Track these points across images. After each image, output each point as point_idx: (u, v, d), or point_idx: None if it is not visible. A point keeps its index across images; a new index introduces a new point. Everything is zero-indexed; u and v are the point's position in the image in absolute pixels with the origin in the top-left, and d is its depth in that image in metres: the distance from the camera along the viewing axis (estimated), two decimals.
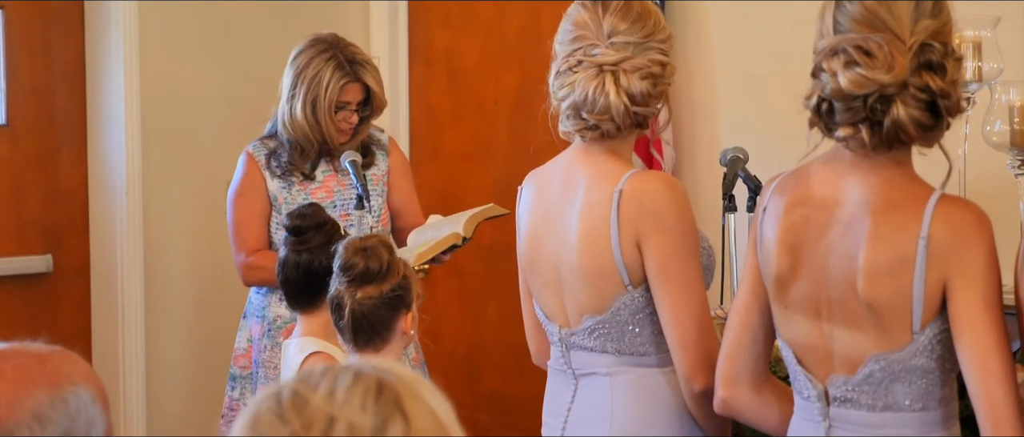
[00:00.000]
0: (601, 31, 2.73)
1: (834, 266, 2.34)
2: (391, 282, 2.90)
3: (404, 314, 2.93)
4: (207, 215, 4.84)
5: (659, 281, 2.68)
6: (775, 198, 2.45)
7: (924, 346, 2.30)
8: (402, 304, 2.92)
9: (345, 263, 2.89)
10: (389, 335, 2.92)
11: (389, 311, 2.90)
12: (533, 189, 2.87)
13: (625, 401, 2.76)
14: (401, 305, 2.92)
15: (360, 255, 2.89)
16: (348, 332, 2.92)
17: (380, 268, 2.89)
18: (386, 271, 2.90)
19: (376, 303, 2.89)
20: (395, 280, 2.90)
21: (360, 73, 4.00)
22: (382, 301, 2.89)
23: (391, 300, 2.90)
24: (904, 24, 2.27)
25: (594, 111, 2.71)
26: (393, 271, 2.91)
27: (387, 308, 2.90)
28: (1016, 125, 3.23)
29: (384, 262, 2.90)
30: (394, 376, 1.45)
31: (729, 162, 3.63)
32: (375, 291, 2.89)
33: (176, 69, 4.94)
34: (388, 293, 2.89)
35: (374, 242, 2.93)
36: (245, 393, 4.04)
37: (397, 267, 2.92)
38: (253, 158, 4.07)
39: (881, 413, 2.36)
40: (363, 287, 2.88)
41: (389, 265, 2.90)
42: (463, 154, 5.34)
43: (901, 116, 2.26)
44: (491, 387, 5.22)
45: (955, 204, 2.30)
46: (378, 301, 2.89)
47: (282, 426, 1.41)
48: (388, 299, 2.89)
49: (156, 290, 4.90)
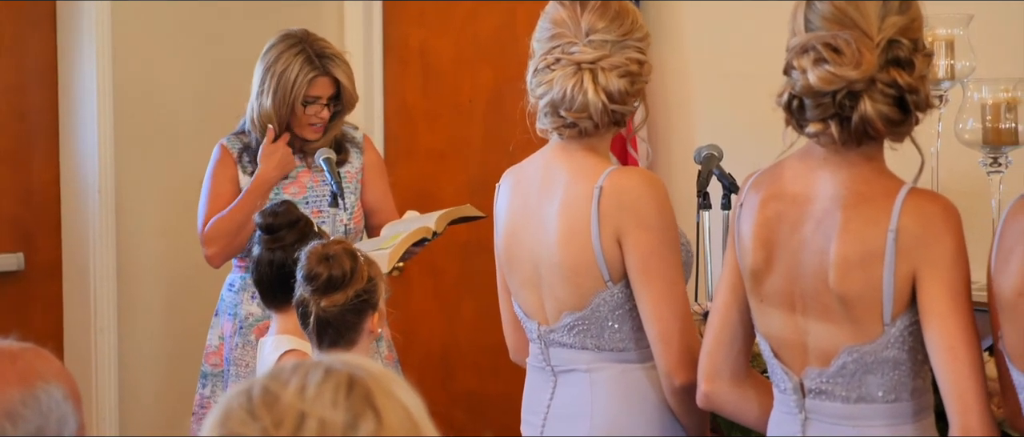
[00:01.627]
0: (579, 29, 2.73)
1: (807, 260, 2.37)
2: (355, 287, 2.89)
3: (371, 315, 2.92)
4: (180, 214, 4.82)
5: (640, 277, 2.68)
6: (751, 194, 2.47)
7: (895, 338, 2.33)
8: (368, 306, 2.91)
9: (309, 272, 2.89)
10: (356, 337, 2.92)
11: (355, 316, 2.90)
12: (511, 186, 2.87)
13: (605, 397, 2.76)
14: (367, 307, 2.91)
15: (323, 264, 2.88)
16: (313, 337, 2.92)
17: (343, 276, 2.88)
18: (350, 278, 2.89)
19: (341, 310, 2.88)
20: (359, 285, 2.89)
21: (329, 67, 3.99)
22: (347, 307, 2.88)
23: (357, 305, 2.89)
24: (872, 21, 2.30)
25: (572, 109, 2.71)
26: (357, 277, 2.89)
27: (353, 314, 2.90)
28: (988, 123, 3.24)
29: (347, 270, 2.88)
30: (366, 372, 1.45)
31: (703, 160, 3.64)
32: (340, 298, 2.88)
33: (149, 68, 4.92)
34: (353, 298, 2.89)
35: (337, 249, 2.91)
36: (216, 391, 4.03)
37: (361, 272, 2.90)
38: (227, 150, 4.07)
39: (855, 404, 2.38)
40: (327, 295, 2.88)
41: (352, 272, 2.89)
42: (438, 153, 5.33)
43: (869, 111, 2.28)
44: (466, 386, 5.22)
45: (924, 197, 2.32)
46: (343, 307, 2.88)
47: (253, 423, 1.40)
48: (353, 305, 2.89)
49: (128, 288, 4.89)
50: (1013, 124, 3.23)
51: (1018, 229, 2.19)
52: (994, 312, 2.27)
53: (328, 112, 4.02)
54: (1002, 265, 2.20)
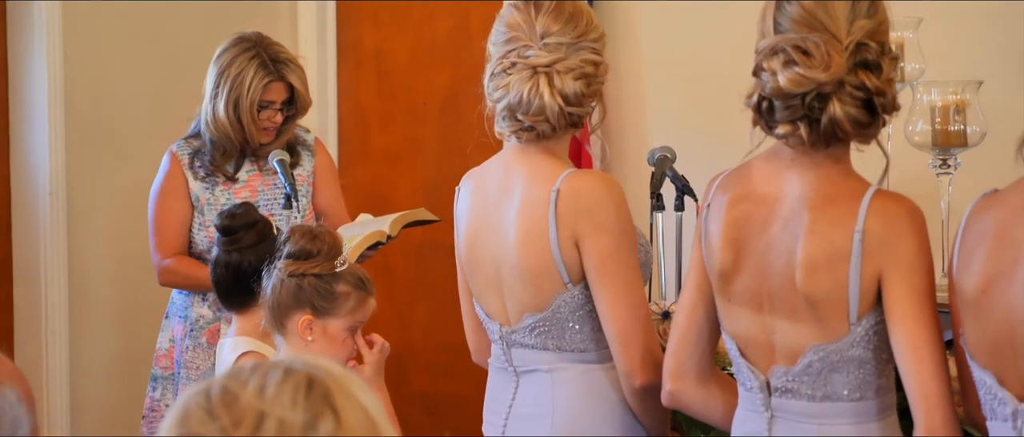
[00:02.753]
0: (534, 32, 2.74)
1: (774, 260, 2.39)
2: (316, 268, 2.88)
3: (303, 312, 2.89)
4: (132, 216, 4.79)
5: (598, 279, 2.70)
6: (718, 194, 2.49)
7: (861, 337, 2.36)
8: (305, 300, 2.88)
9: (292, 244, 2.89)
10: (286, 320, 2.89)
11: (290, 299, 2.88)
12: (471, 189, 2.88)
13: (566, 398, 2.77)
14: (304, 300, 2.88)
15: (308, 238, 2.88)
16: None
17: (310, 251, 2.88)
18: (316, 255, 2.89)
19: (288, 282, 2.86)
20: (315, 269, 2.88)
21: (284, 72, 3.98)
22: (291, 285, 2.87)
23: (296, 289, 2.87)
24: (841, 24, 2.32)
25: (529, 113, 2.72)
26: (322, 259, 2.89)
27: (289, 296, 2.88)
28: (937, 125, 3.27)
29: (315, 250, 2.89)
30: (325, 373, 1.45)
31: (657, 161, 3.65)
32: (298, 268, 2.87)
33: (101, 69, 4.89)
34: (298, 276, 2.87)
35: (322, 230, 2.92)
36: (167, 394, 4.01)
37: (330, 261, 2.90)
38: (177, 158, 4.04)
39: (820, 403, 2.41)
40: (295, 261, 2.87)
41: (320, 253, 2.89)
42: (392, 154, 5.33)
43: (838, 113, 2.31)
44: (421, 387, 5.22)
45: (890, 199, 2.35)
46: (290, 280, 2.86)
47: (211, 423, 1.40)
48: (295, 285, 2.87)
49: (80, 291, 4.85)
50: (962, 126, 3.26)
51: (980, 228, 2.22)
52: (955, 309, 2.30)
53: (281, 116, 4.00)
54: (965, 264, 2.23)
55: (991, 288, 2.18)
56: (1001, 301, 2.16)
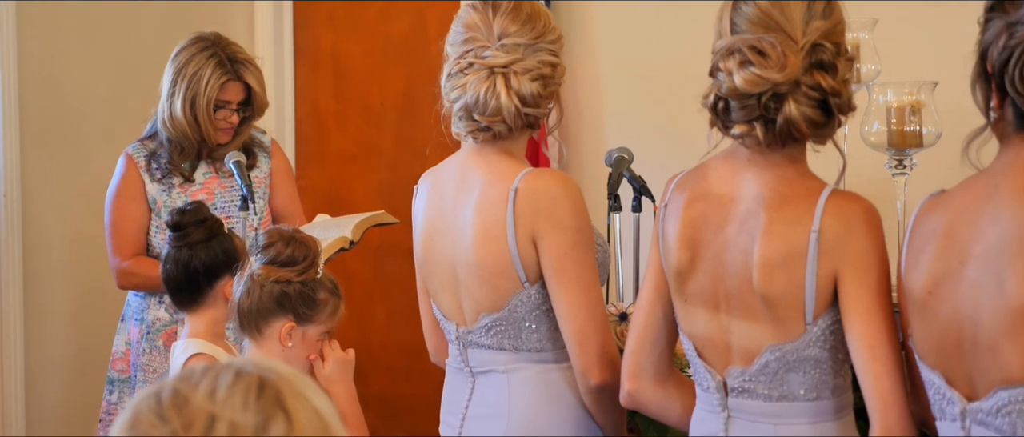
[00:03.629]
0: (491, 33, 2.74)
1: (731, 260, 2.40)
2: (298, 275, 2.86)
3: (286, 319, 2.88)
4: (88, 217, 4.77)
5: (555, 278, 2.70)
6: (676, 194, 2.50)
7: (817, 336, 2.37)
8: (289, 306, 2.87)
9: (266, 243, 2.87)
10: (264, 327, 2.86)
11: (274, 305, 2.86)
12: (428, 189, 2.88)
13: (523, 397, 2.77)
14: (288, 306, 2.87)
15: (285, 241, 2.87)
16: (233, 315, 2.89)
17: (293, 259, 2.87)
18: (299, 264, 2.87)
19: (268, 290, 2.85)
20: (296, 277, 2.87)
21: (241, 72, 3.97)
22: (273, 292, 2.85)
23: (280, 297, 2.86)
24: (796, 25, 2.34)
25: (486, 113, 2.72)
26: (303, 267, 2.87)
27: (272, 302, 2.86)
28: (893, 126, 3.29)
29: (299, 256, 2.87)
30: (276, 374, 1.44)
31: (614, 162, 3.66)
32: (275, 275, 2.85)
33: (57, 70, 4.86)
34: (281, 285, 2.86)
35: (305, 237, 2.90)
36: (123, 397, 3.99)
37: (311, 270, 2.88)
38: (132, 160, 4.01)
39: (777, 403, 2.42)
40: (271, 266, 2.85)
41: (303, 260, 2.87)
42: (349, 156, 5.32)
43: (793, 114, 2.32)
44: (379, 388, 5.21)
45: (846, 198, 2.37)
46: (271, 287, 2.85)
47: (162, 425, 1.39)
48: (279, 294, 2.86)
49: (35, 292, 4.82)
50: (917, 127, 3.27)
51: (928, 229, 2.23)
52: (904, 310, 2.31)
53: (238, 117, 3.99)
54: (913, 264, 2.24)
55: (938, 288, 2.19)
56: (948, 301, 2.17)
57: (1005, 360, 2.09)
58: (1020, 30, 2.10)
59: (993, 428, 2.14)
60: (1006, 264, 2.08)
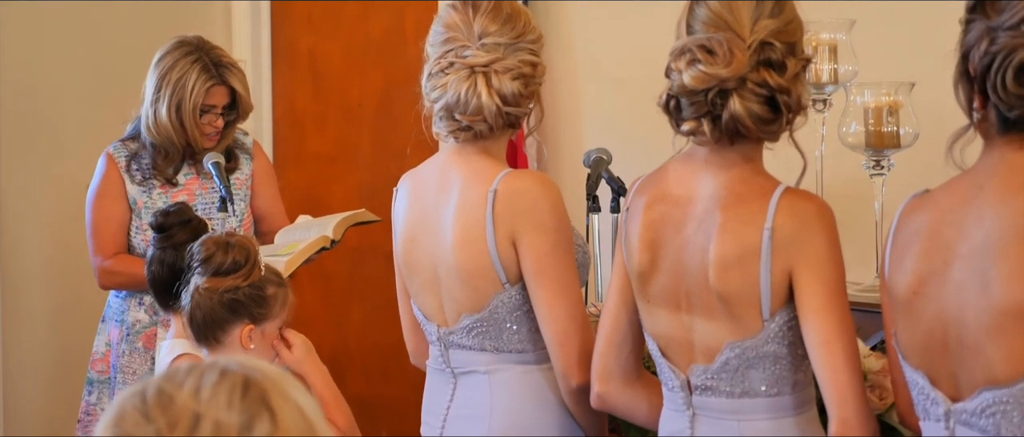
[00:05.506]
0: (472, 33, 2.75)
1: (690, 259, 2.43)
2: (238, 282, 2.87)
3: (244, 323, 2.89)
4: (66, 218, 4.76)
5: (535, 279, 2.71)
6: (637, 197, 2.54)
7: (775, 333, 2.39)
8: (244, 311, 2.88)
9: (204, 254, 2.87)
10: (222, 336, 2.88)
11: (227, 313, 2.88)
12: (409, 190, 2.88)
13: (504, 398, 2.78)
14: (242, 312, 2.88)
15: (220, 248, 2.87)
16: (187, 324, 2.89)
17: (235, 264, 2.87)
18: (239, 269, 2.87)
19: (216, 301, 2.85)
20: (242, 282, 2.87)
21: (226, 76, 3.96)
22: (222, 300, 2.86)
23: (231, 303, 2.87)
24: (744, 24, 2.38)
25: (466, 112, 2.73)
26: (245, 272, 2.88)
27: (225, 309, 2.87)
28: (871, 126, 3.30)
29: (240, 261, 2.87)
30: (261, 374, 1.44)
31: (593, 163, 3.66)
32: (218, 285, 2.85)
33: (35, 70, 4.85)
34: (230, 292, 2.86)
35: (241, 240, 2.91)
36: (102, 398, 3.98)
37: (252, 272, 2.88)
38: (113, 160, 4.00)
39: (739, 399, 2.44)
40: (211, 278, 2.85)
41: (244, 264, 2.88)
42: (328, 157, 5.31)
43: (738, 109, 2.36)
44: (356, 390, 5.20)
45: (798, 196, 2.39)
46: (219, 297, 2.85)
47: (147, 424, 1.39)
48: (228, 302, 2.87)
49: (13, 294, 4.81)
50: (895, 127, 3.29)
51: (912, 229, 2.24)
52: (887, 310, 2.32)
53: (223, 121, 3.98)
54: (897, 264, 2.25)
55: (923, 289, 2.20)
56: (933, 301, 2.18)
57: (989, 361, 2.11)
58: (1002, 36, 2.11)
59: (977, 429, 2.15)
60: (991, 265, 2.10)
